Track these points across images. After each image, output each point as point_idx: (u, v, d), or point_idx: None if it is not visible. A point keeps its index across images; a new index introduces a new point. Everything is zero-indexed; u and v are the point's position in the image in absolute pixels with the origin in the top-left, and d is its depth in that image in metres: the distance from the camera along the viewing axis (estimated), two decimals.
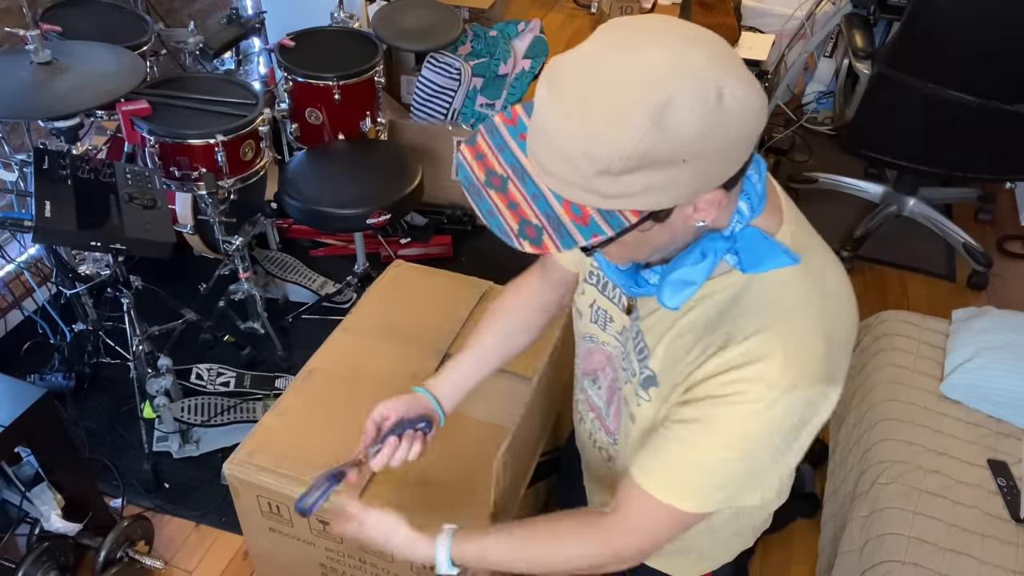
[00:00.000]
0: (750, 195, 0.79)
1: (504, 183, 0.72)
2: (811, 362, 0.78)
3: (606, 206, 0.68)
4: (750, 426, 0.80)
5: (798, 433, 0.83)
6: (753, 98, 0.68)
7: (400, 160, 2.34)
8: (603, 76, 0.66)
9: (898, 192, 2.93)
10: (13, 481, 1.64)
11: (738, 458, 0.82)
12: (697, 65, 0.66)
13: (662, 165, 0.66)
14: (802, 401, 0.79)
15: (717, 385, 0.80)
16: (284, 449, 1.40)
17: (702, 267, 0.79)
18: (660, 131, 0.64)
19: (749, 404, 0.79)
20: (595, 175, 0.66)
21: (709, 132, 0.65)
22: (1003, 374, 1.68)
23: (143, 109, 1.94)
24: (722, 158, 0.69)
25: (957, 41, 2.29)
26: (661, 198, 0.69)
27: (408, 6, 2.78)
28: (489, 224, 0.72)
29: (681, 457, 0.84)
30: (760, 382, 0.78)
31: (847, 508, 1.63)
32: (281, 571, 1.58)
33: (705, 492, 0.85)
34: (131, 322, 1.91)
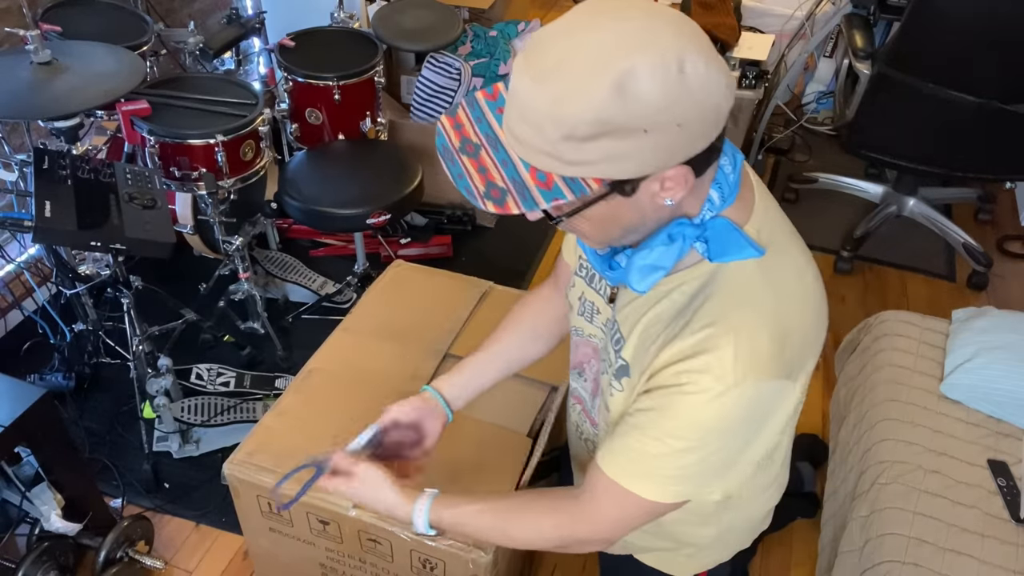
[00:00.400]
0: (722, 184, 0.80)
1: (477, 150, 0.75)
2: (763, 356, 0.79)
3: (570, 173, 0.71)
4: (700, 416, 0.81)
5: (753, 426, 0.85)
6: (716, 74, 0.69)
7: (400, 160, 2.34)
8: (572, 45, 0.69)
9: (898, 192, 2.93)
10: (13, 481, 1.64)
11: (690, 448, 0.84)
12: (661, 36, 0.68)
13: (624, 133, 0.68)
14: (753, 394, 0.80)
15: (671, 375, 0.82)
16: (284, 449, 1.39)
17: (670, 251, 0.81)
18: (621, 98, 0.66)
19: (698, 394, 0.80)
20: (560, 140, 0.69)
21: (671, 103, 0.68)
22: (1003, 374, 1.68)
23: (143, 109, 1.94)
24: (684, 132, 0.70)
25: (957, 41, 2.29)
26: (624, 167, 0.70)
27: (408, 6, 2.78)
28: (458, 185, 0.75)
29: (638, 445, 0.86)
30: (709, 373, 0.79)
31: (847, 508, 1.63)
32: (281, 571, 1.58)
33: (662, 481, 0.87)
34: (131, 322, 1.91)
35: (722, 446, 0.85)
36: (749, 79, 2.97)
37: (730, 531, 1.12)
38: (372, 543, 1.34)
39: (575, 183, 0.71)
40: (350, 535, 1.36)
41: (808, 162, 3.38)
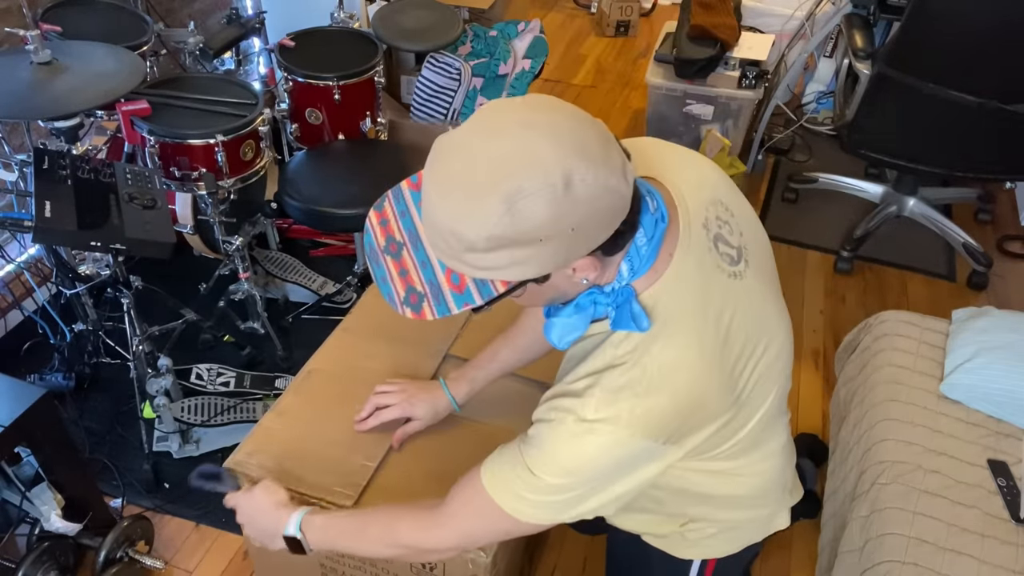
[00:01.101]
0: (632, 258, 0.85)
1: (400, 250, 0.81)
2: (621, 413, 0.84)
3: (479, 276, 0.77)
4: (559, 451, 0.87)
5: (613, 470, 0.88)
6: (604, 178, 0.73)
7: (400, 160, 2.34)
8: (467, 160, 0.73)
9: (898, 192, 2.93)
10: (13, 481, 1.64)
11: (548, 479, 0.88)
12: (545, 154, 0.71)
13: (521, 244, 0.73)
14: (611, 443, 0.85)
15: (544, 409, 0.90)
16: (284, 449, 1.39)
17: (581, 318, 0.87)
18: (511, 216, 0.71)
19: (557, 430, 0.86)
20: (463, 251, 0.75)
21: (560, 216, 0.72)
22: (1003, 374, 1.68)
23: (143, 109, 1.94)
24: (581, 234, 0.75)
25: (957, 41, 2.29)
26: (526, 270, 0.76)
27: (408, 6, 2.78)
28: (381, 290, 0.82)
29: (507, 457, 0.92)
30: (571, 414, 0.85)
31: (847, 508, 1.63)
32: (281, 571, 1.58)
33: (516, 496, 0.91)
34: (131, 322, 1.91)
35: (574, 484, 0.88)
36: (749, 79, 2.97)
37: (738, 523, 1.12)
38: None
39: (484, 285, 0.77)
40: None
41: (808, 162, 3.38)
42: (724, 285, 0.90)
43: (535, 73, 3.10)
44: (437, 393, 1.30)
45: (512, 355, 1.30)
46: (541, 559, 1.89)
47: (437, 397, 1.30)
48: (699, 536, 1.12)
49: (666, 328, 0.86)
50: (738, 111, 3.07)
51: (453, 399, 1.30)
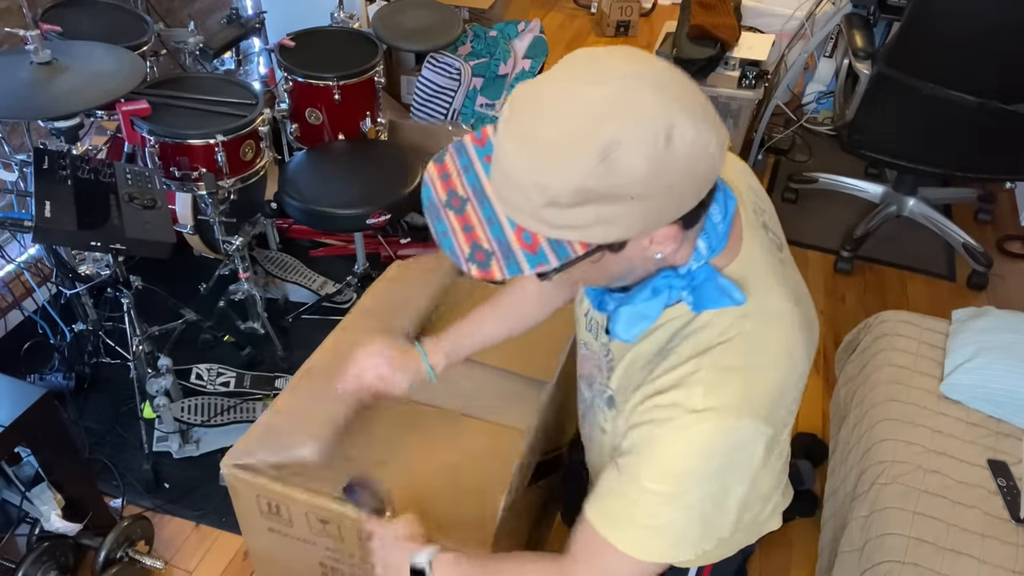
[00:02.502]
0: (710, 235, 0.80)
1: (463, 205, 0.73)
2: (734, 395, 0.78)
3: (555, 235, 0.70)
4: (671, 454, 0.79)
5: (729, 466, 0.81)
6: (707, 139, 0.68)
7: (400, 160, 2.34)
8: (557, 109, 0.67)
9: (898, 192, 2.93)
10: (13, 481, 1.64)
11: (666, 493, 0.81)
12: (648, 104, 0.66)
13: (610, 200, 0.67)
14: (725, 431, 0.78)
15: (642, 411, 0.82)
16: (281, 447, 1.39)
17: (655, 303, 0.81)
18: (606, 168, 0.65)
19: (669, 432, 0.79)
20: (544, 205, 0.67)
21: (657, 172, 0.66)
22: (1003, 374, 1.68)
23: (143, 109, 1.94)
24: (673, 196, 0.69)
25: (957, 41, 2.29)
26: (610, 232, 0.69)
27: (408, 6, 2.78)
28: (442, 245, 0.73)
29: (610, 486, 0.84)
30: (677, 407, 0.79)
31: (847, 508, 1.63)
32: (281, 571, 1.58)
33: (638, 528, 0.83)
34: (131, 322, 1.91)
35: (699, 486, 0.81)
36: (749, 79, 2.97)
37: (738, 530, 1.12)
38: None
39: (560, 246, 0.70)
40: (350, 534, 1.36)
41: (808, 162, 3.38)
42: (780, 269, 0.88)
43: (535, 73, 3.10)
44: (417, 364, 1.22)
45: (496, 328, 1.23)
46: None
47: (416, 369, 1.22)
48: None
49: (757, 302, 0.81)
50: (738, 111, 3.07)
51: (431, 369, 1.22)
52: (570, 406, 1.31)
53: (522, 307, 1.22)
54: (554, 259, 0.70)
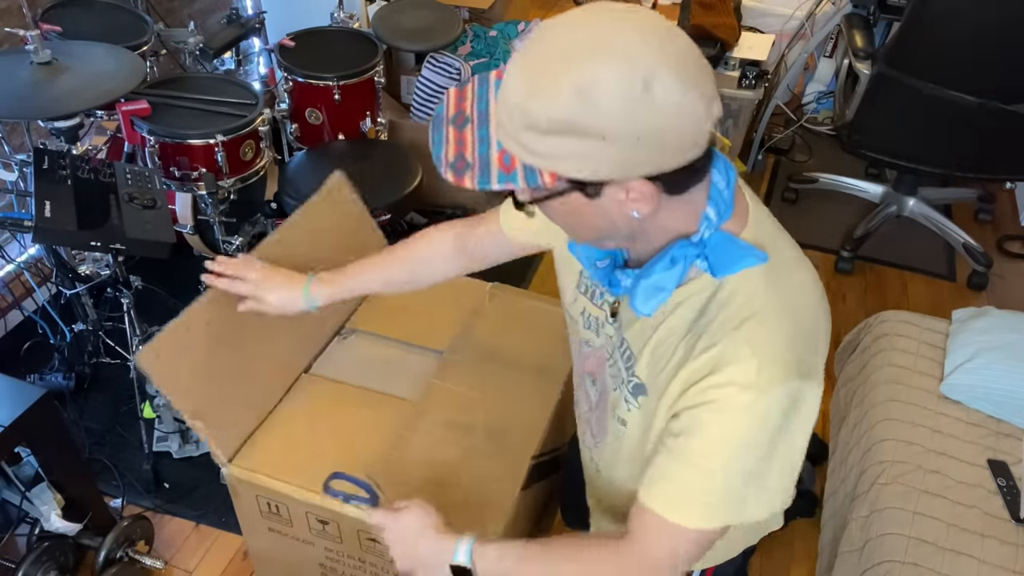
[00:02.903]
0: (717, 202, 0.81)
1: (465, 124, 0.78)
2: (782, 360, 0.79)
3: (530, 161, 0.73)
4: (732, 430, 0.80)
5: (784, 433, 0.83)
6: (688, 98, 0.69)
7: (400, 160, 2.34)
8: (554, 42, 0.72)
9: (898, 192, 2.93)
10: (13, 481, 1.64)
11: (727, 466, 0.82)
12: (635, 51, 0.69)
13: (583, 135, 0.69)
14: (780, 399, 0.80)
15: (694, 394, 0.82)
16: (283, 448, 1.40)
17: (672, 273, 0.82)
18: (582, 102, 0.68)
19: (727, 409, 0.80)
20: (523, 128, 0.71)
21: (629, 116, 0.68)
22: (1003, 374, 1.68)
23: (143, 109, 1.94)
24: (644, 148, 0.70)
25: (957, 41, 2.29)
26: (579, 167, 0.72)
27: (408, 6, 2.78)
28: (433, 151, 0.78)
29: (676, 472, 0.85)
30: (733, 385, 0.79)
31: (847, 508, 1.63)
32: (281, 571, 1.58)
33: (706, 506, 0.84)
34: (131, 322, 1.91)
35: (759, 458, 0.82)
36: (749, 79, 2.97)
37: (744, 532, 1.12)
38: (372, 542, 1.34)
39: (532, 173, 0.73)
40: (349, 535, 1.36)
41: (808, 162, 3.38)
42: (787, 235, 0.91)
43: None
44: (296, 290, 1.26)
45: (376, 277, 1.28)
46: None
47: (295, 294, 1.26)
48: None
49: (779, 262, 0.84)
50: (738, 111, 3.07)
51: (309, 296, 1.26)
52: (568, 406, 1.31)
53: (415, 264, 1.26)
54: (523, 183, 0.74)
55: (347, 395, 1.51)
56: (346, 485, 1.16)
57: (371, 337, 1.64)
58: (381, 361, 1.59)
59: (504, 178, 0.74)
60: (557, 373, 1.53)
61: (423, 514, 1.04)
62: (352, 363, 1.58)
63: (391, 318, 1.68)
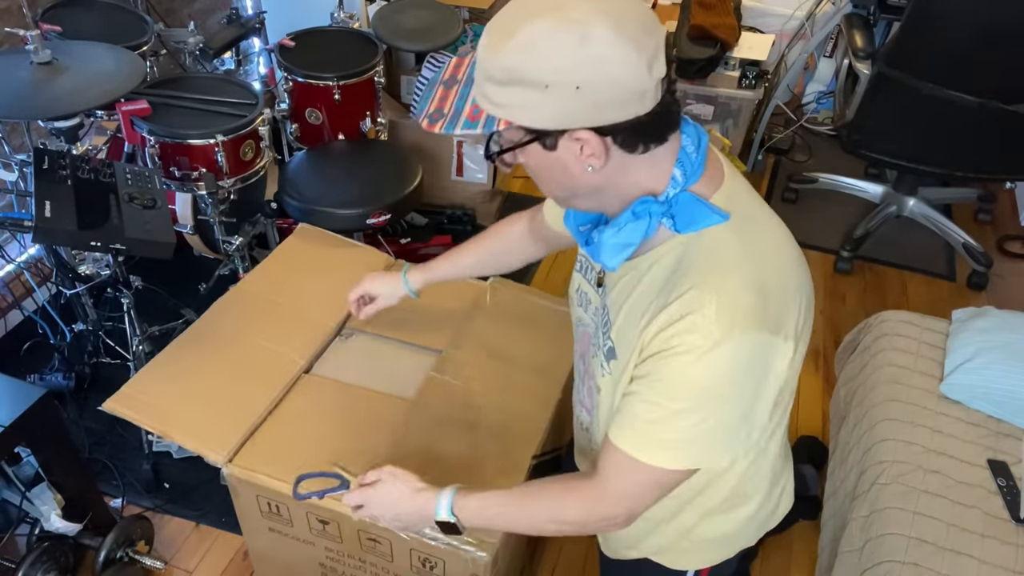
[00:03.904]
0: (684, 164, 0.86)
1: (452, 85, 0.87)
2: (745, 310, 0.83)
3: (491, 112, 0.81)
4: (693, 375, 0.84)
5: (748, 383, 0.87)
6: (624, 51, 0.76)
7: (400, 160, 2.34)
8: (517, 4, 0.80)
9: (898, 192, 2.93)
10: (13, 481, 1.64)
11: (688, 409, 0.86)
12: (579, 6, 0.76)
13: (529, 85, 0.77)
14: (741, 348, 0.83)
15: (659, 341, 0.86)
16: (283, 448, 1.39)
17: (637, 227, 0.87)
18: (525, 54, 0.76)
19: (687, 354, 0.83)
20: (486, 80, 0.80)
21: (568, 67, 0.76)
22: (1003, 374, 1.68)
23: (143, 109, 1.94)
24: (584, 98, 0.77)
25: (957, 41, 2.29)
26: (529, 116, 0.79)
27: (408, 6, 2.78)
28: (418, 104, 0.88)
29: (640, 413, 0.89)
30: (695, 332, 0.83)
31: (847, 508, 1.63)
32: (281, 571, 1.58)
33: (669, 446, 0.89)
34: (131, 322, 1.91)
35: (720, 405, 0.87)
36: (749, 79, 2.97)
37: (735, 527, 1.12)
38: (372, 543, 1.34)
39: (490, 121, 0.81)
40: (350, 535, 1.36)
41: (808, 162, 3.38)
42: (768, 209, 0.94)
43: None
44: (396, 279, 1.41)
45: (466, 262, 1.37)
46: (541, 559, 1.89)
47: (395, 281, 1.41)
48: (694, 546, 1.12)
49: (748, 222, 0.88)
50: (738, 111, 3.07)
51: (407, 281, 1.40)
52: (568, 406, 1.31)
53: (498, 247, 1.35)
54: (481, 130, 0.81)
55: (347, 395, 1.50)
56: (314, 483, 1.19)
57: (371, 337, 1.64)
58: (381, 361, 1.59)
59: (468, 125, 0.82)
60: (558, 373, 1.53)
61: (395, 481, 1.09)
62: (352, 363, 1.58)
63: (391, 318, 1.68)
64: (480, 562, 1.24)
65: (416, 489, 1.08)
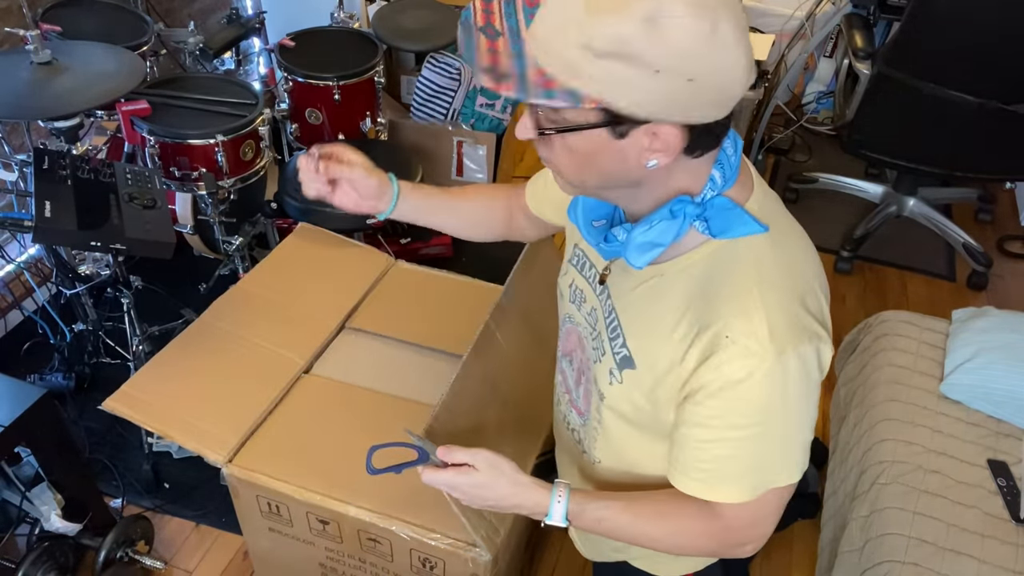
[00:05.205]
0: (724, 166, 0.82)
1: (496, 36, 0.74)
2: (796, 323, 0.81)
3: (573, 84, 0.70)
4: (758, 398, 0.81)
5: (804, 394, 0.84)
6: (740, 52, 0.71)
7: (400, 160, 2.34)
8: None
9: (898, 192, 2.93)
10: (13, 481, 1.64)
11: (759, 433, 0.83)
12: None
13: (638, 64, 0.68)
14: (796, 362, 0.81)
15: (710, 372, 0.82)
16: (283, 448, 1.40)
17: (669, 227, 0.81)
18: (649, 31, 0.67)
19: (749, 379, 0.80)
20: (578, 46, 0.69)
21: (691, 56, 0.68)
22: (1003, 374, 1.68)
23: (143, 109, 1.94)
24: (691, 91, 0.70)
25: (957, 41, 2.29)
26: (623, 96, 0.70)
27: (408, 6, 2.78)
28: (464, 53, 0.74)
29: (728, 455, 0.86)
30: (751, 356, 0.79)
31: (847, 508, 1.63)
32: (281, 571, 1.58)
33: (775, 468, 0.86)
34: (131, 322, 1.91)
35: (784, 422, 0.84)
36: None
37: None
38: (372, 543, 1.34)
39: (574, 96, 0.71)
40: (350, 535, 1.36)
41: (808, 162, 3.38)
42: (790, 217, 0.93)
43: None
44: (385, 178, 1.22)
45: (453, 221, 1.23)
46: (541, 559, 1.89)
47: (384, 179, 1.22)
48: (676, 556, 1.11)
49: (779, 230, 0.85)
50: (738, 111, 3.02)
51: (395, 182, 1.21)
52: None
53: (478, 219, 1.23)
54: (561, 103, 0.71)
55: (347, 395, 1.50)
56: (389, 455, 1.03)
57: (372, 337, 1.64)
58: (381, 361, 1.59)
59: (545, 94, 0.71)
60: None
61: (492, 471, 0.96)
62: (352, 363, 1.58)
63: (392, 318, 1.68)
64: (480, 561, 1.24)
65: (516, 482, 0.96)
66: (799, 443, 0.87)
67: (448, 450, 0.97)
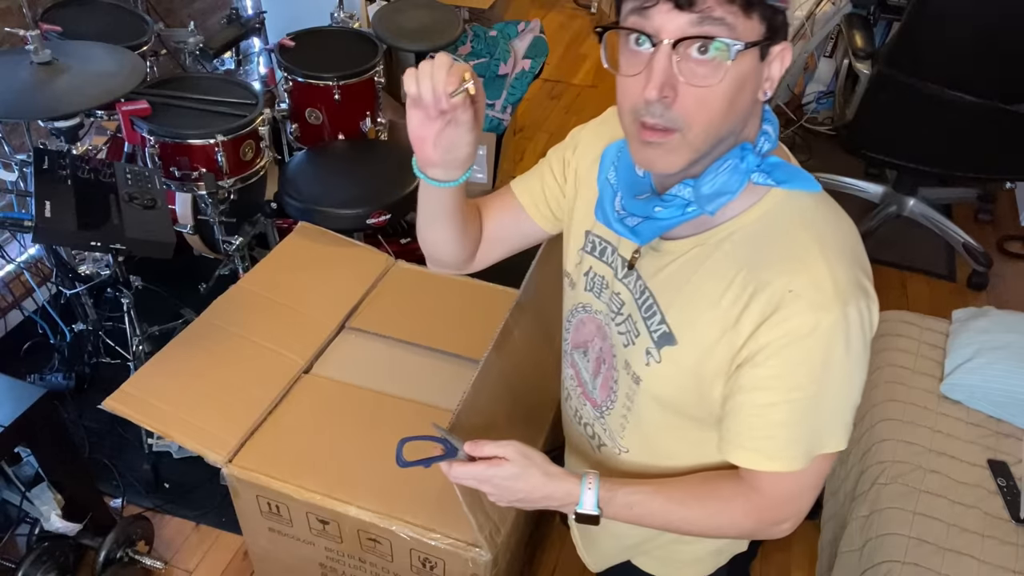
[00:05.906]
0: (772, 122, 0.84)
1: None
2: (851, 280, 0.81)
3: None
4: (822, 352, 0.80)
5: (862, 350, 0.83)
6: None
7: (400, 160, 2.34)
8: None
9: (898, 192, 2.93)
10: (13, 481, 1.64)
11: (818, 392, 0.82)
12: None
13: None
14: (856, 316, 0.80)
15: (772, 327, 0.80)
16: (283, 448, 1.40)
17: (734, 175, 0.80)
18: None
19: (813, 332, 0.79)
20: None
21: None
22: (1003, 374, 1.68)
23: (143, 109, 1.94)
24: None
25: (957, 41, 2.29)
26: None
27: (408, 6, 2.78)
28: None
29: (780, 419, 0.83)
30: (818, 309, 0.79)
31: (847, 508, 1.63)
32: (281, 571, 1.58)
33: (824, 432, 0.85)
34: (131, 322, 1.91)
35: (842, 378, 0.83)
36: None
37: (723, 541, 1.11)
38: (372, 542, 1.34)
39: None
40: (350, 534, 1.36)
41: (808, 162, 3.38)
42: None
43: (535, 73, 3.10)
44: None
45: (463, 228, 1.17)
46: (541, 559, 1.89)
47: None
48: (692, 551, 1.10)
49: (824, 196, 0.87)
50: None
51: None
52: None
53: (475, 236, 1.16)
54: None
55: (347, 395, 1.50)
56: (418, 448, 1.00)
57: (372, 337, 1.64)
58: (382, 361, 1.59)
59: None
60: None
61: (524, 462, 0.93)
62: (352, 363, 1.58)
63: (392, 318, 1.68)
64: (480, 561, 1.24)
65: (548, 472, 0.94)
66: (851, 405, 0.85)
67: (476, 444, 0.95)
